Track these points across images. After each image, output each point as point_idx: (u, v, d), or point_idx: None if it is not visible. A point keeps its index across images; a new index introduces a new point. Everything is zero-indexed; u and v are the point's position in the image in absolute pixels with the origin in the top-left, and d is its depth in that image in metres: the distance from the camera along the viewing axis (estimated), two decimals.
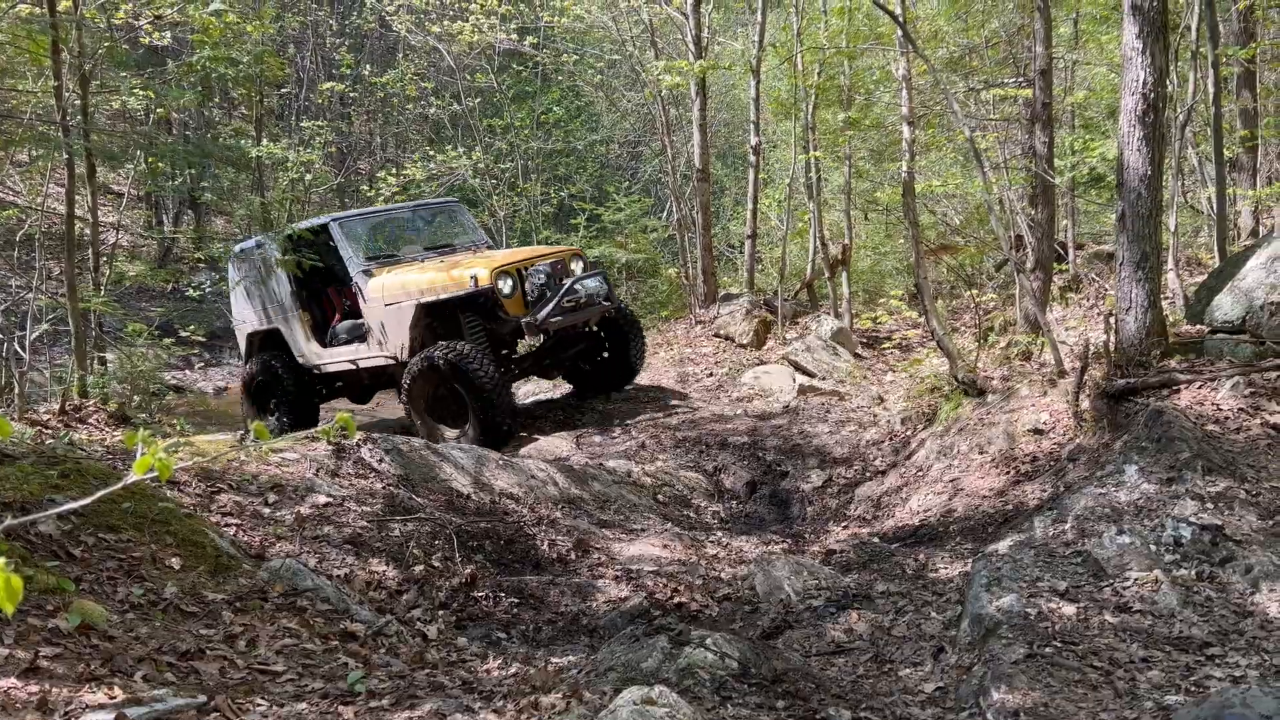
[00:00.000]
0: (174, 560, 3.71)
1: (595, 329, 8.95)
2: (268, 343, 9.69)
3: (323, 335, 9.30)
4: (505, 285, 8.04)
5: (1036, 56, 7.87)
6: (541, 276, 8.20)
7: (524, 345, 8.86)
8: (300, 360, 9.37)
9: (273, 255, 9.09)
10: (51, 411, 6.79)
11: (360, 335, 8.91)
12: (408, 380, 8.07)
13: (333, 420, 1.89)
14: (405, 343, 8.34)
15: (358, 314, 8.98)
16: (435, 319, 8.25)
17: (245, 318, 9.83)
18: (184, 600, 3.45)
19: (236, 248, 9.87)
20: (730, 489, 7.24)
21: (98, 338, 8.86)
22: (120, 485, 1.35)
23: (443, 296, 8.10)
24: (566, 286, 8.17)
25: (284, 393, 9.31)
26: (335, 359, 9.16)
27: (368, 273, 8.64)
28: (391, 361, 8.58)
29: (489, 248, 9.62)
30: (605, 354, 9.21)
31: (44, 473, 4.09)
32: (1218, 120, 7.43)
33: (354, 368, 9.12)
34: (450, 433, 8.10)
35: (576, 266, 8.70)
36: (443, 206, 10.16)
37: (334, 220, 8.94)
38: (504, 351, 8.65)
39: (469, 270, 8.08)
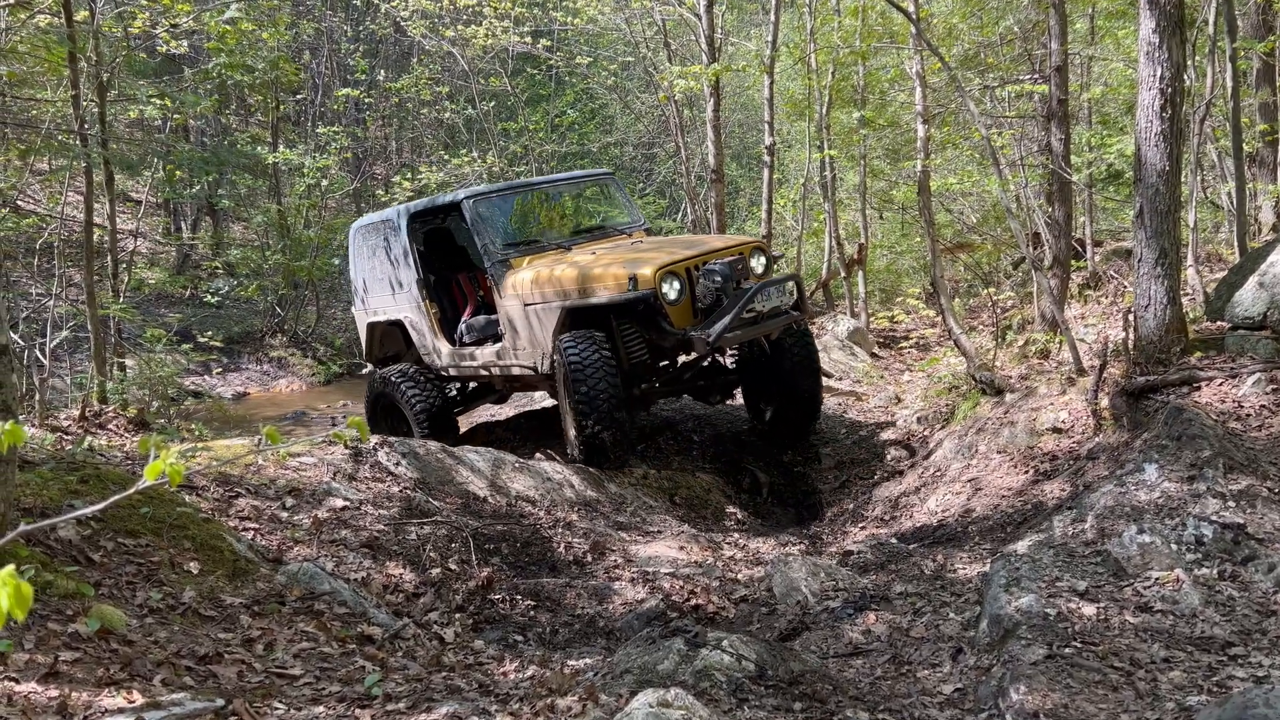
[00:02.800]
0: (192, 564, 3.73)
1: (766, 345, 7.25)
2: (390, 338, 8.48)
3: (451, 331, 8.02)
4: (671, 290, 6.53)
5: (1052, 53, 7.82)
6: (717, 279, 6.60)
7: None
8: (426, 360, 8.08)
9: (402, 230, 7.87)
10: (71, 417, 6.85)
11: (495, 335, 7.64)
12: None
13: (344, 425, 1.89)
14: (547, 351, 6.96)
15: (491, 307, 7.80)
16: (584, 325, 6.77)
17: (365, 305, 8.55)
18: (202, 604, 3.47)
19: (358, 222, 8.72)
20: (747, 490, 7.22)
21: (117, 344, 8.93)
22: (133, 490, 1.36)
23: (593, 300, 6.65)
24: (747, 295, 6.53)
25: (413, 399, 7.87)
26: (464, 362, 7.81)
27: (505, 263, 7.29)
28: (530, 372, 7.32)
29: (646, 230, 8.14)
30: (766, 379, 7.51)
31: (63, 478, 4.13)
32: (1236, 115, 7.36)
33: (486, 374, 7.84)
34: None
35: (757, 263, 7.09)
36: (595, 179, 8.57)
37: (467, 198, 7.53)
38: (663, 364, 7.27)
39: (628, 268, 6.58)
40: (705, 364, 7.55)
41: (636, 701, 2.65)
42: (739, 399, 8.01)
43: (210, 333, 11.44)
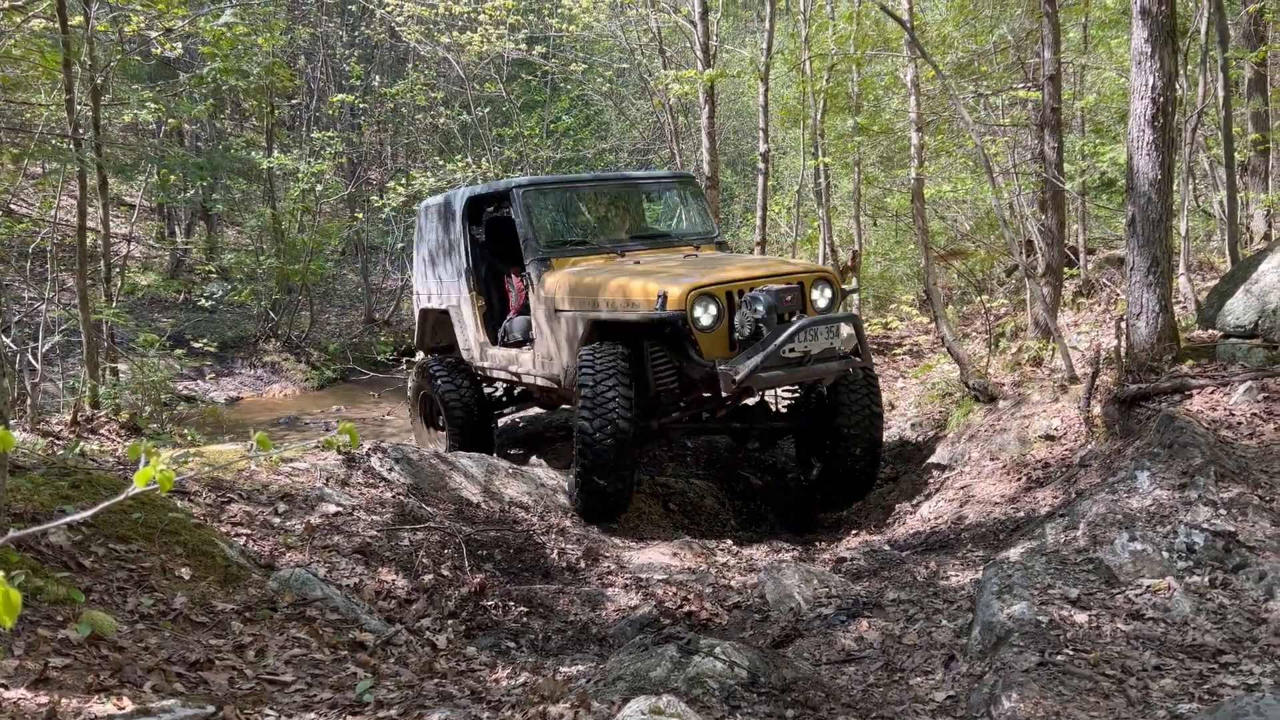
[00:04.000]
0: (184, 570, 3.72)
1: (824, 392, 6.42)
2: (442, 327, 7.96)
3: (495, 329, 7.46)
4: (705, 314, 5.77)
5: (1045, 62, 7.85)
6: (758, 309, 5.74)
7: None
8: (466, 355, 7.60)
9: (458, 214, 7.37)
10: (63, 422, 6.83)
11: (530, 339, 7.03)
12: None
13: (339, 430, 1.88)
14: (570, 364, 6.33)
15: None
16: (613, 342, 6.10)
17: (420, 289, 8.12)
18: (193, 610, 3.45)
19: (427, 200, 8.16)
20: (741, 497, 7.22)
21: (109, 348, 8.90)
22: (123, 496, 1.36)
23: (620, 316, 5.98)
24: (787, 332, 5.66)
25: (448, 396, 7.41)
26: (499, 363, 7.30)
27: (545, 262, 6.70)
28: (553, 385, 6.73)
29: (718, 244, 7.37)
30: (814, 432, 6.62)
31: (55, 483, 4.11)
32: (1228, 124, 7.39)
33: (515, 379, 7.34)
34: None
35: (821, 296, 6.16)
36: (670, 181, 7.73)
37: (518, 186, 6.93)
38: (696, 395, 6.32)
39: (661, 283, 5.84)
40: (751, 402, 6.78)
41: (629, 709, 2.64)
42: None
43: (204, 338, 11.41)
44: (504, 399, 8.12)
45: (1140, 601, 3.44)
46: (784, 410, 7.00)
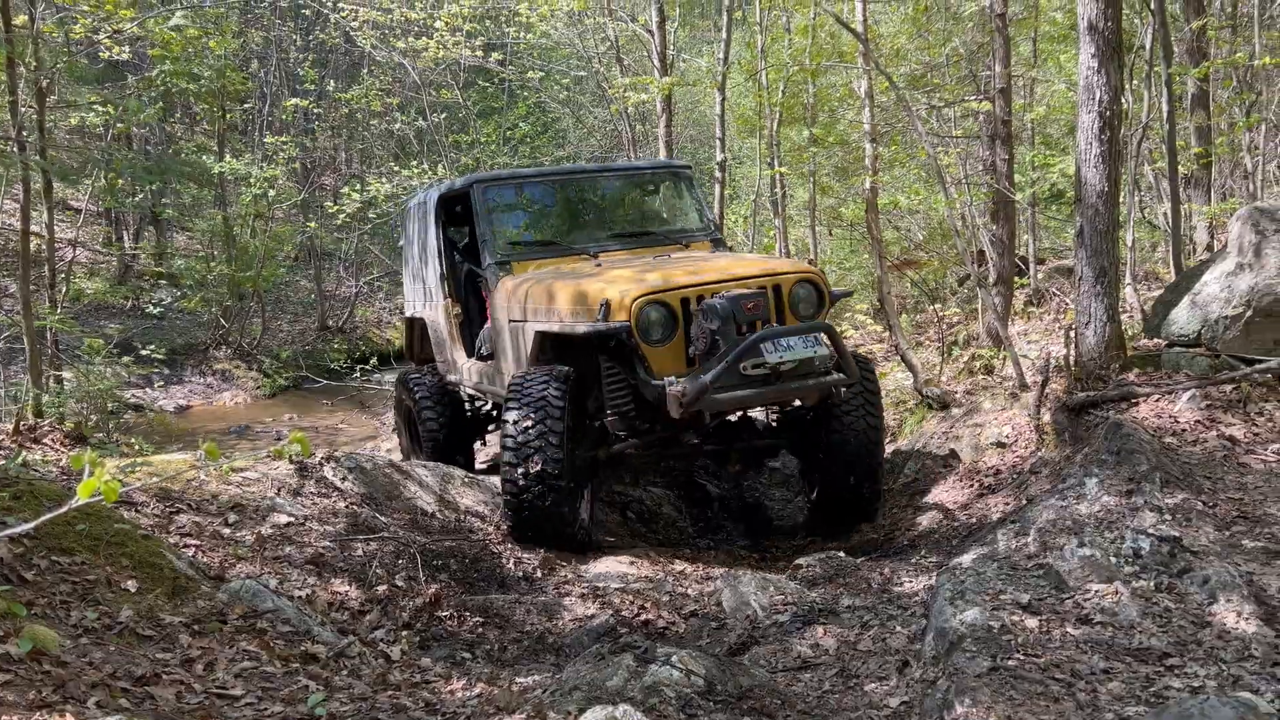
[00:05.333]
0: (130, 583, 3.64)
1: (809, 412, 5.80)
2: (429, 338, 7.40)
3: (473, 340, 6.80)
4: (653, 325, 5.07)
5: (995, 75, 7.99)
6: (713, 320, 4.98)
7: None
8: (442, 368, 7.07)
9: (430, 214, 6.78)
10: (5, 431, 6.65)
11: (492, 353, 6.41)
12: None
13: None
14: None
15: None
16: (565, 358, 5.48)
17: (408, 294, 7.58)
18: (140, 623, 3.38)
19: (411, 199, 7.53)
20: (698, 504, 7.24)
21: (54, 356, 8.70)
22: (66, 509, 1.32)
23: (565, 328, 5.32)
24: (743, 346, 4.90)
25: (424, 412, 6.90)
26: (470, 378, 6.70)
27: (503, 265, 6.06)
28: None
29: (714, 242, 6.63)
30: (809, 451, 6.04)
31: None
32: (1172, 137, 7.58)
33: (478, 395, 6.78)
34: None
35: (805, 303, 5.44)
36: (658, 172, 6.94)
37: (477, 181, 6.33)
38: (666, 418, 5.32)
39: (609, 289, 5.15)
40: (733, 420, 6.12)
41: (585, 719, 2.63)
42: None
43: (152, 345, 11.18)
44: (486, 418, 7.38)
45: (1089, 606, 3.50)
46: (774, 425, 6.33)
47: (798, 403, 5.72)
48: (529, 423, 5.06)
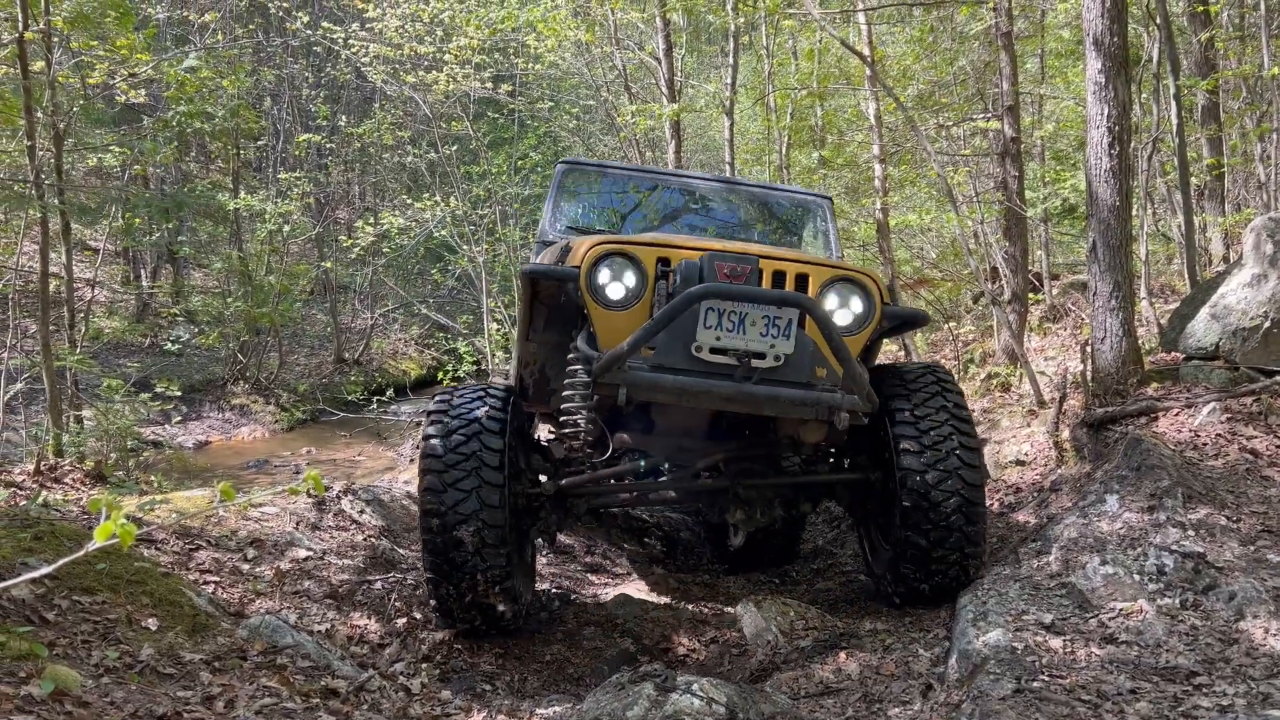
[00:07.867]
0: (150, 621, 3.65)
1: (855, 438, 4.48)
2: None
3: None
4: (611, 282, 3.87)
5: (1003, 93, 8.00)
6: (676, 283, 3.84)
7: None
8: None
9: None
10: (26, 472, 6.70)
11: None
12: None
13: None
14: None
15: None
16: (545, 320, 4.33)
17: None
18: (161, 661, 3.38)
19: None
20: (716, 529, 7.20)
21: (73, 395, 8.78)
22: (83, 553, 1.33)
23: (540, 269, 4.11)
24: (679, 298, 3.63)
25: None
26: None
27: (545, 244, 5.15)
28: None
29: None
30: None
31: (17, 535, 4.03)
32: (1182, 150, 7.56)
33: None
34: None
35: (844, 312, 4.04)
36: (798, 203, 5.86)
37: (564, 161, 5.51)
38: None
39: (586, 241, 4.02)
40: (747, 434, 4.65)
41: None
42: None
43: (170, 381, 11.25)
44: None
45: (1113, 625, 3.46)
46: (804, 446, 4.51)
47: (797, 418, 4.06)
48: (449, 447, 3.97)
